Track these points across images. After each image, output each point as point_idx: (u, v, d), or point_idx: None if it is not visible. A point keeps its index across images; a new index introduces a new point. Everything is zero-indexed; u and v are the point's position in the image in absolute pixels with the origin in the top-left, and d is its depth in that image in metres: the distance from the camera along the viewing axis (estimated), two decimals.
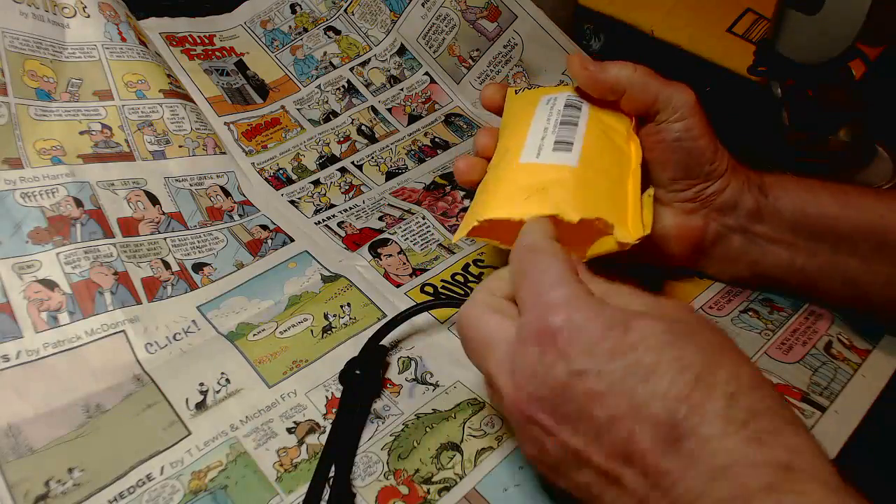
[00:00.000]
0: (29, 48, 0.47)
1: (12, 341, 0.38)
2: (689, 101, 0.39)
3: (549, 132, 0.38)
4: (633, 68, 0.39)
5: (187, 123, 0.53)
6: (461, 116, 0.63)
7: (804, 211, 0.40)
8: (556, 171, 0.35)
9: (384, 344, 0.39)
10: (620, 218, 0.35)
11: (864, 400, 0.38)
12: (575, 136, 0.37)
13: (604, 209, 0.34)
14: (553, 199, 0.34)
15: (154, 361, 0.39)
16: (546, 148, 0.37)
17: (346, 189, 0.55)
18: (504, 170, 0.37)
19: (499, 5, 0.64)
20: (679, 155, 0.40)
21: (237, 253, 0.47)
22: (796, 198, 0.40)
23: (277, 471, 0.34)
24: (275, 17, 0.65)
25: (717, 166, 0.40)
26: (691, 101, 0.39)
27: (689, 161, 0.40)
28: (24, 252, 0.41)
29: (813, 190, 0.40)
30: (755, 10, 0.64)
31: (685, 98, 0.39)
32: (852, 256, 0.39)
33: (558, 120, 0.38)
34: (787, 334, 0.42)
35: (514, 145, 0.38)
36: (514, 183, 0.36)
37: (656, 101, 0.39)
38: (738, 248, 0.42)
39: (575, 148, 0.36)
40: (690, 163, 0.40)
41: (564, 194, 0.34)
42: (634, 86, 0.38)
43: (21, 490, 0.32)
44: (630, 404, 0.25)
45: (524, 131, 0.38)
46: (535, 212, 0.33)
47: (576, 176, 0.35)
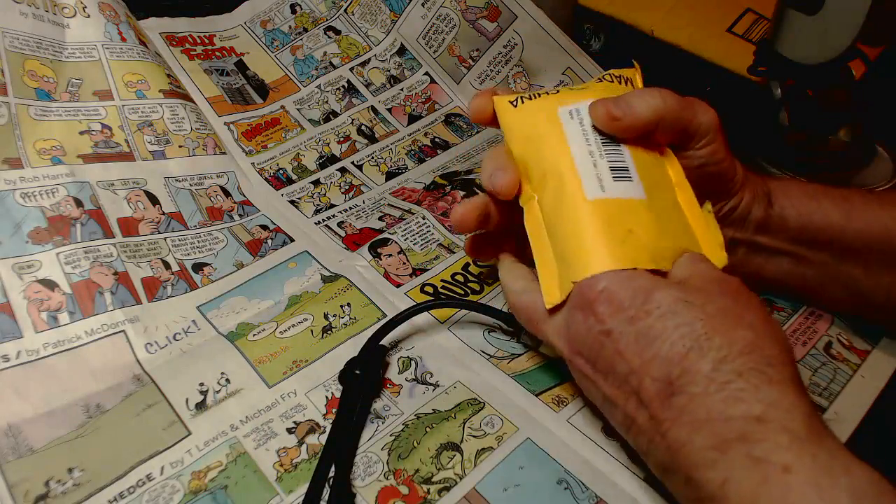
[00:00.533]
0: (29, 48, 0.47)
1: (12, 341, 0.38)
2: (713, 125, 0.37)
3: (596, 156, 0.34)
4: (661, 99, 0.35)
5: (187, 123, 0.53)
6: (461, 116, 0.63)
7: (808, 220, 0.39)
8: (631, 209, 0.33)
9: (384, 344, 0.39)
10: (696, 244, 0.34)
11: (864, 400, 0.38)
12: (625, 158, 0.35)
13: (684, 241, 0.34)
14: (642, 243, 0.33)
15: (154, 361, 0.39)
16: (606, 178, 0.34)
17: (346, 189, 0.55)
18: (572, 209, 0.34)
19: (499, 5, 0.64)
20: (704, 180, 0.37)
21: (237, 253, 0.47)
22: (801, 207, 0.39)
23: (277, 471, 0.34)
24: (275, 17, 0.65)
25: (735, 183, 0.39)
26: (715, 123, 0.37)
27: (714, 184, 0.38)
28: (24, 252, 0.41)
29: (817, 198, 0.39)
30: (755, 10, 0.64)
31: (710, 122, 0.36)
32: (856, 265, 0.39)
33: (599, 140, 0.35)
34: (787, 333, 0.42)
35: (565, 175, 0.34)
36: (595, 226, 0.33)
37: (688, 131, 0.36)
38: (741, 259, 0.41)
39: (633, 174, 0.34)
40: (714, 186, 0.38)
41: (649, 237, 0.33)
42: (666, 119, 0.35)
43: (21, 490, 0.32)
44: (640, 362, 0.30)
45: (566, 157, 0.35)
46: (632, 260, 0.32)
47: (649, 211, 0.33)
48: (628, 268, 0.32)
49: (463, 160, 0.58)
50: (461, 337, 0.42)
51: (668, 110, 0.35)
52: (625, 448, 0.35)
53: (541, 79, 0.63)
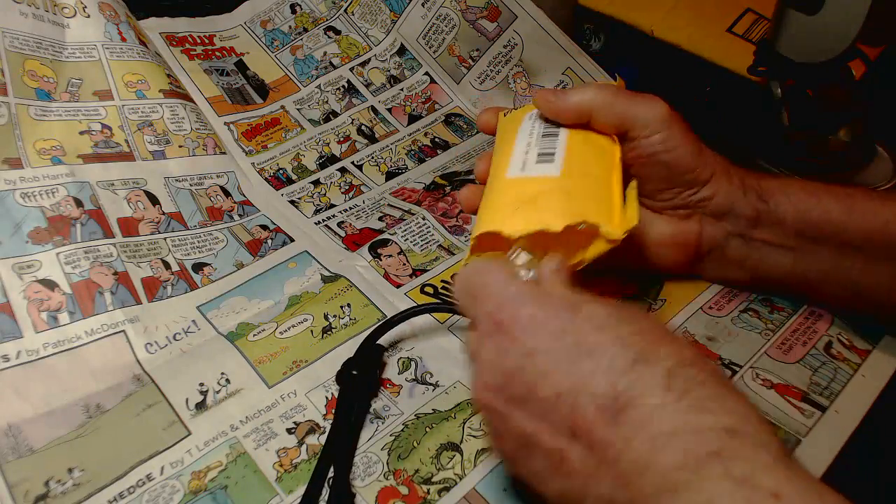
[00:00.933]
0: (29, 48, 0.47)
1: (12, 341, 0.38)
2: (658, 115, 0.38)
3: (532, 146, 0.39)
4: (595, 91, 0.38)
5: (187, 123, 0.53)
6: (461, 116, 0.63)
7: (807, 216, 0.39)
8: (540, 183, 0.37)
9: (381, 344, 0.39)
10: (606, 216, 0.35)
11: (865, 400, 0.38)
12: (556, 145, 0.38)
13: (589, 211, 0.35)
14: (538, 210, 0.35)
15: (154, 361, 0.39)
16: (530, 161, 0.38)
17: (346, 189, 0.55)
18: (494, 186, 0.38)
19: (499, 5, 0.64)
20: (657, 168, 0.39)
21: (237, 253, 0.47)
22: (799, 203, 0.39)
23: (277, 471, 0.34)
24: (275, 17, 0.65)
25: (699, 173, 0.39)
26: (661, 114, 0.38)
27: (669, 172, 0.39)
28: (24, 252, 0.41)
29: (817, 194, 0.39)
30: (755, 10, 0.64)
31: (654, 113, 0.38)
32: (856, 261, 0.39)
33: (540, 133, 0.39)
34: (787, 334, 0.42)
35: (502, 162, 0.39)
36: (502, 198, 0.37)
37: (624, 121, 0.38)
38: (736, 253, 0.42)
39: (557, 157, 0.37)
40: (670, 174, 0.39)
41: (548, 204, 0.35)
42: (598, 109, 0.38)
43: (21, 490, 0.32)
44: (574, 380, 0.25)
45: (510, 148, 0.40)
46: (522, 224, 0.34)
47: (559, 184, 0.36)
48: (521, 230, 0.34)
49: (463, 160, 0.58)
50: (461, 337, 0.42)
51: (598, 102, 0.38)
52: None
53: (541, 79, 0.63)
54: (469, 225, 0.50)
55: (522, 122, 0.41)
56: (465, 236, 0.49)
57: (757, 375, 0.39)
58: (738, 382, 0.39)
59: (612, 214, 0.35)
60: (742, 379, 0.39)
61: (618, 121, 0.38)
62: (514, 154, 0.39)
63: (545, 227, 0.34)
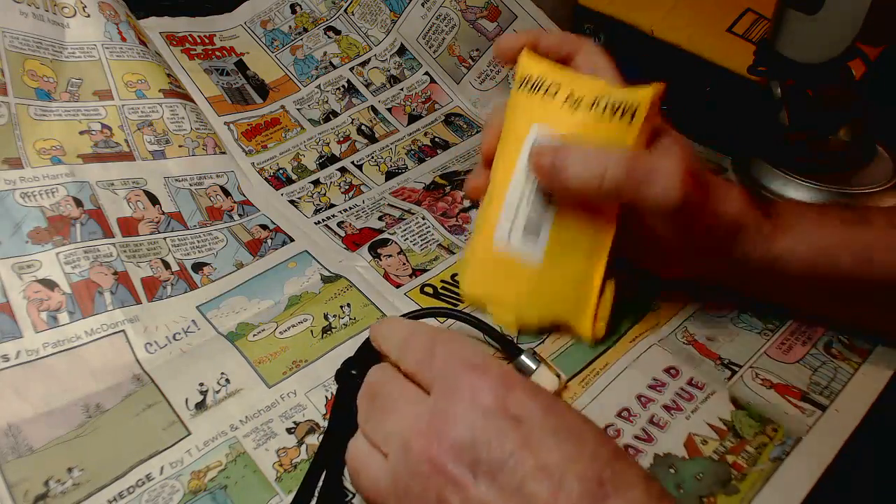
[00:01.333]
0: (29, 48, 0.47)
1: (12, 341, 0.38)
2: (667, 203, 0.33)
3: (523, 205, 0.37)
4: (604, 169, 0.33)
5: (187, 123, 0.53)
6: (461, 116, 0.63)
7: (816, 272, 0.36)
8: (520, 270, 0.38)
9: None
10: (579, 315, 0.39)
11: (865, 399, 0.38)
12: (545, 216, 0.37)
13: (563, 309, 0.39)
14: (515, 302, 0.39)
15: (154, 361, 0.39)
16: (517, 230, 0.38)
17: (346, 189, 0.55)
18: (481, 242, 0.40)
19: (499, 5, 0.64)
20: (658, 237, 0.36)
21: (237, 253, 0.47)
22: (810, 261, 0.36)
23: (277, 471, 0.34)
24: (275, 17, 0.65)
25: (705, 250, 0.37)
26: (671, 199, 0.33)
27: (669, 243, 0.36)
28: (23, 252, 0.41)
29: (832, 251, 0.36)
30: (755, 10, 0.64)
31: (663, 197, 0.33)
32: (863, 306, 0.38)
33: (533, 189, 0.37)
34: (786, 334, 0.42)
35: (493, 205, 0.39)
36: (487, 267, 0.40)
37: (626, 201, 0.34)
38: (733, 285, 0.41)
39: (543, 236, 0.37)
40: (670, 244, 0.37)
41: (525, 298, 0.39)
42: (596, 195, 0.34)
43: (21, 490, 0.32)
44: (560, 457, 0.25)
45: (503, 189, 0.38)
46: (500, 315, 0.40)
47: (539, 277, 0.38)
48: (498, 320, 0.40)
49: (463, 160, 0.58)
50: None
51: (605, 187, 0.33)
52: None
53: None
54: (469, 225, 0.50)
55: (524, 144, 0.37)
56: (464, 236, 0.49)
57: (756, 375, 0.39)
58: (737, 382, 0.39)
59: (585, 316, 0.39)
60: (742, 379, 0.39)
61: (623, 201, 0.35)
62: (505, 208, 0.38)
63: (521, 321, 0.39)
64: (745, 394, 0.38)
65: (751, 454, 0.35)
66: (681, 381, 0.39)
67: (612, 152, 0.34)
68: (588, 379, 0.39)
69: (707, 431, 0.36)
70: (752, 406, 0.37)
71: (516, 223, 0.37)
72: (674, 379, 0.39)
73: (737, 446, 0.35)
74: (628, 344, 0.41)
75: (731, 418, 0.36)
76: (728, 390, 0.38)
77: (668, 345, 0.41)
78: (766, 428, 0.36)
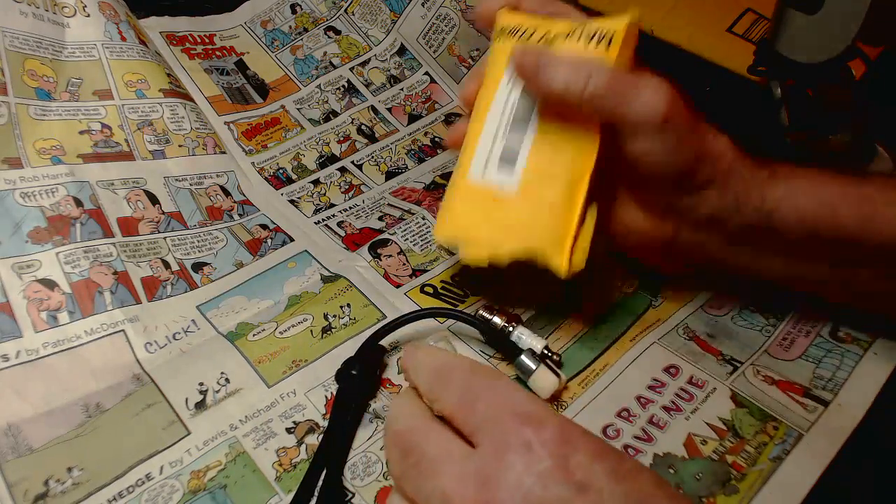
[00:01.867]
0: (29, 47, 0.47)
1: (12, 341, 0.38)
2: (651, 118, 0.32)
3: (499, 137, 0.37)
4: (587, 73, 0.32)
5: (187, 123, 0.53)
6: (461, 116, 0.63)
7: (816, 229, 0.34)
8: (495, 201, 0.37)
9: (383, 344, 0.39)
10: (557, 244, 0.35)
11: (877, 379, 0.38)
12: (522, 142, 0.36)
13: (540, 238, 0.36)
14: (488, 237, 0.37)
15: (154, 361, 0.39)
16: (493, 162, 0.37)
17: (346, 188, 0.55)
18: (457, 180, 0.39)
19: None
20: (641, 167, 0.34)
21: (237, 252, 0.47)
22: (809, 216, 0.34)
23: (276, 470, 0.34)
24: (275, 17, 0.65)
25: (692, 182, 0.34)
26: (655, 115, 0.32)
27: (652, 174, 0.34)
28: (23, 252, 0.41)
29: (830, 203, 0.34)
30: (755, 10, 0.64)
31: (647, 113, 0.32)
32: (863, 268, 0.35)
33: (511, 117, 0.36)
34: (788, 327, 0.42)
35: (470, 143, 0.38)
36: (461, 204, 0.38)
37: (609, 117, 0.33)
38: (719, 256, 0.38)
39: (519, 162, 0.36)
40: (653, 176, 0.34)
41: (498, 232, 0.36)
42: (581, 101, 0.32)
43: (20, 489, 0.32)
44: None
45: (480, 126, 0.37)
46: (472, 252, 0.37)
47: (514, 207, 0.36)
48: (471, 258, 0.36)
49: None
50: (462, 338, 0.42)
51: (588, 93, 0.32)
52: None
53: None
54: None
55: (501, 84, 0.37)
56: None
57: (758, 372, 0.39)
58: (739, 377, 0.39)
59: (564, 245, 0.35)
60: (743, 375, 0.39)
61: (605, 117, 0.33)
62: (481, 142, 0.37)
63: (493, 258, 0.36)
64: (746, 389, 0.38)
65: (750, 454, 0.35)
66: (681, 381, 0.39)
67: (596, 62, 0.33)
68: (588, 379, 0.39)
69: (707, 431, 0.36)
70: (753, 402, 0.37)
71: (493, 153, 0.37)
72: (674, 379, 0.39)
73: (736, 446, 0.35)
74: (628, 343, 0.41)
75: (731, 417, 0.37)
76: (729, 386, 0.38)
77: (669, 342, 0.41)
78: (767, 426, 0.36)
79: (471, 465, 0.24)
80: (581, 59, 0.33)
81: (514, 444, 0.24)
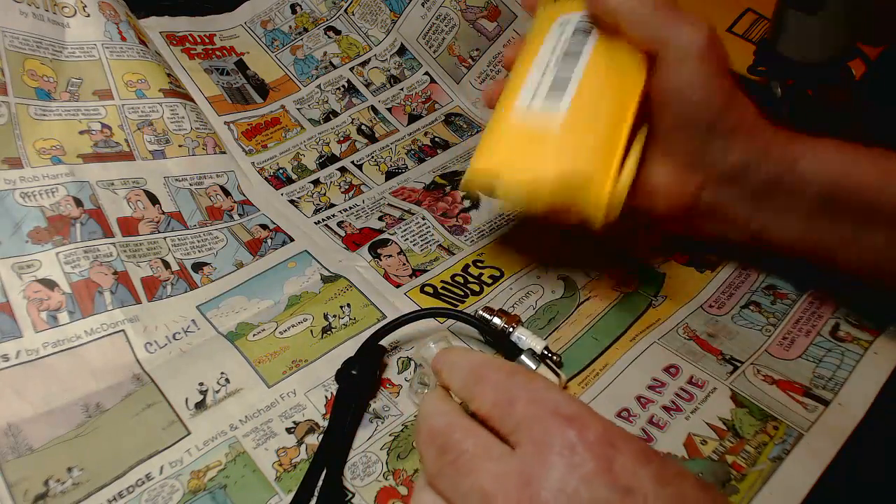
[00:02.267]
0: (29, 47, 0.47)
1: (12, 341, 0.38)
2: (693, 47, 0.34)
3: (549, 68, 0.37)
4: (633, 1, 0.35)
5: (187, 123, 0.53)
6: (461, 116, 0.63)
7: (838, 183, 0.35)
8: (543, 127, 0.35)
9: (383, 344, 0.39)
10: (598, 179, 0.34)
11: (878, 378, 0.38)
12: (573, 72, 0.36)
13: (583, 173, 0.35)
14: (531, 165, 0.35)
15: (154, 361, 0.39)
16: (541, 92, 0.36)
17: (346, 188, 0.55)
18: (500, 113, 0.38)
19: (498, 5, 0.64)
20: (675, 106, 0.35)
21: (237, 252, 0.47)
22: (832, 170, 0.35)
23: (277, 470, 0.34)
24: (275, 17, 0.65)
25: (719, 124, 0.35)
26: (697, 46, 0.34)
27: (686, 112, 0.35)
28: (23, 252, 0.41)
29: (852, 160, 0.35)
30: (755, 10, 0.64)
31: (690, 42, 0.34)
32: (880, 230, 0.35)
33: (563, 51, 0.37)
34: (789, 326, 0.42)
35: (516, 81, 0.38)
36: (503, 141, 0.37)
37: (655, 43, 0.35)
38: (740, 215, 0.38)
39: (569, 90, 0.36)
40: (687, 115, 0.36)
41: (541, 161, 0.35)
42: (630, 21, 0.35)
43: (20, 489, 0.32)
44: None
45: (529, 63, 0.38)
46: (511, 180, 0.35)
47: (560, 137, 0.35)
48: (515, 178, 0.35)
49: (463, 160, 0.58)
50: (462, 338, 0.42)
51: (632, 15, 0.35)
52: None
53: None
54: (469, 225, 0.50)
55: (551, 29, 0.39)
56: (465, 236, 0.49)
57: (758, 371, 0.39)
58: (739, 377, 0.39)
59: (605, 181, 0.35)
60: (744, 374, 0.39)
61: (649, 42, 0.35)
62: (530, 76, 0.37)
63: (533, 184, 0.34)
64: (746, 389, 0.38)
65: (750, 454, 0.35)
66: (681, 381, 0.39)
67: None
68: (588, 379, 0.39)
69: (707, 431, 0.36)
70: (753, 402, 0.37)
71: (542, 84, 0.37)
72: (673, 378, 0.39)
73: (736, 446, 0.35)
74: (628, 343, 0.41)
75: (731, 417, 0.37)
76: (730, 386, 0.38)
77: (669, 341, 0.41)
78: (767, 426, 0.36)
79: (511, 464, 0.24)
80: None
81: (556, 444, 0.23)
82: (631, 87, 0.36)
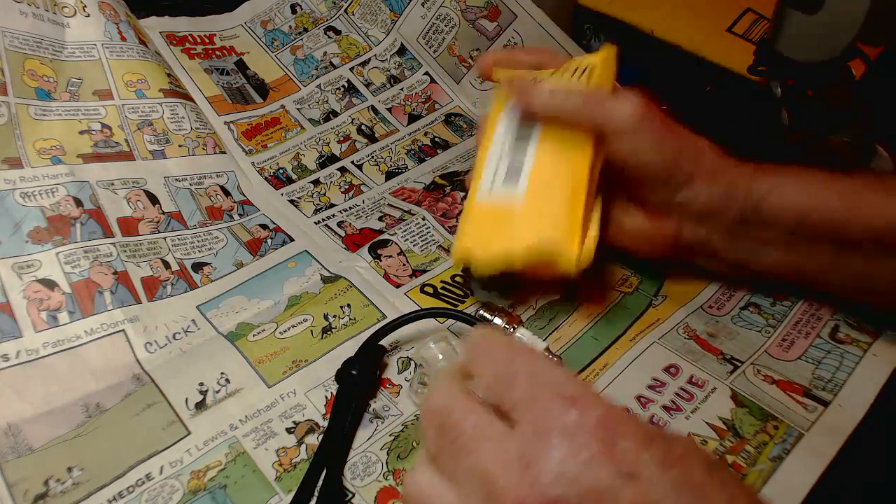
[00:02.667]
0: (29, 47, 0.47)
1: (12, 341, 0.38)
2: (629, 121, 0.37)
3: (505, 152, 0.40)
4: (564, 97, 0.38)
5: (187, 123, 0.53)
6: (461, 116, 0.63)
7: (806, 216, 0.37)
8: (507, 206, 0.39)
9: (383, 344, 0.39)
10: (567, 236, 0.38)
11: (876, 380, 0.38)
12: (526, 154, 0.39)
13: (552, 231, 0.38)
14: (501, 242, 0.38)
15: (154, 361, 0.39)
16: (499, 176, 0.40)
17: (346, 188, 0.55)
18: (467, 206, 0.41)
19: (498, 5, 0.64)
20: (631, 168, 0.38)
21: (237, 252, 0.47)
22: (797, 202, 0.37)
23: (276, 470, 0.34)
24: (275, 17, 0.65)
25: (674, 177, 0.38)
26: (631, 117, 0.37)
27: (641, 174, 0.38)
28: (23, 252, 0.41)
29: (818, 193, 0.37)
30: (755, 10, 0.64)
31: (623, 117, 0.37)
32: (857, 255, 0.37)
33: (514, 136, 0.40)
34: (788, 328, 0.42)
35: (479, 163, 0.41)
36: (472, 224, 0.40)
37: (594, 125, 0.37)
38: (721, 248, 0.40)
39: (523, 177, 0.39)
40: (643, 176, 0.38)
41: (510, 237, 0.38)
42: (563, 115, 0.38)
43: (20, 489, 0.32)
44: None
45: (485, 152, 0.41)
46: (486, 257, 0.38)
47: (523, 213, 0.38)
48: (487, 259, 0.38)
49: (463, 160, 0.58)
50: (462, 338, 0.42)
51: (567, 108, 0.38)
52: None
53: None
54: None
55: (500, 117, 0.42)
56: None
57: (758, 371, 0.39)
58: (739, 376, 0.39)
59: (571, 243, 0.38)
60: (744, 374, 0.39)
61: (588, 127, 0.38)
62: (487, 166, 0.41)
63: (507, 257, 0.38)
64: (747, 389, 0.38)
65: (750, 454, 0.35)
66: (681, 381, 0.39)
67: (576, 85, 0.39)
68: (588, 379, 0.39)
69: (707, 431, 0.36)
70: (753, 402, 0.37)
71: (499, 171, 0.40)
72: (673, 378, 0.39)
73: (736, 446, 0.35)
74: (628, 343, 0.41)
75: (731, 417, 0.37)
76: (730, 386, 0.38)
77: (669, 341, 0.41)
78: (767, 425, 0.36)
79: (510, 443, 0.23)
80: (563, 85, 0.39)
81: (557, 426, 0.23)
82: (580, 159, 0.38)
